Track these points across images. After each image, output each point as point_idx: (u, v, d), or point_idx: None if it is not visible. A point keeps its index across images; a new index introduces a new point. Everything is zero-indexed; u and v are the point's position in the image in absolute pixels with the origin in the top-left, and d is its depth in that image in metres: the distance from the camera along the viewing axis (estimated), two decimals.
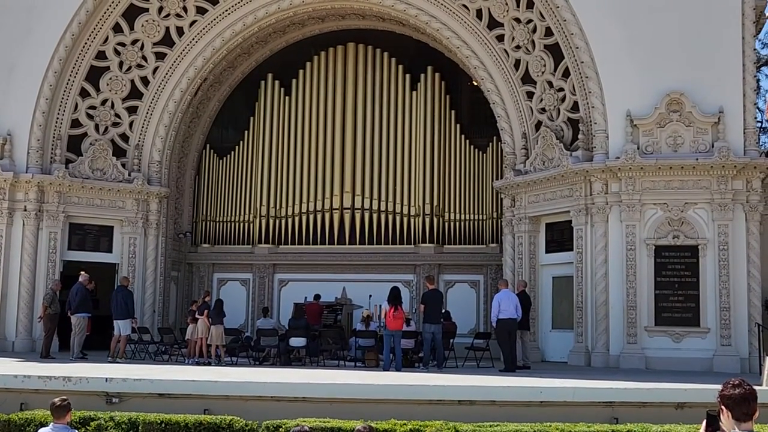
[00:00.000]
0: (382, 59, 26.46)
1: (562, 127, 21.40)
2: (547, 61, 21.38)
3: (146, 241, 24.00)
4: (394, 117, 26.19)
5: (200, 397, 12.38)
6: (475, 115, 26.02)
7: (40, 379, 12.87)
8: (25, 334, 21.94)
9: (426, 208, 25.45)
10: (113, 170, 23.60)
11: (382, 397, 12.26)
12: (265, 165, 26.79)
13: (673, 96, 19.38)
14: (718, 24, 19.44)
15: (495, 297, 18.21)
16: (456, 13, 22.56)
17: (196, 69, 24.21)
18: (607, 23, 19.96)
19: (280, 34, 26.06)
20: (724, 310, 18.66)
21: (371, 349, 19.65)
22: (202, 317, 20.04)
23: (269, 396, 12.42)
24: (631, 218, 19.33)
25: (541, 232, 21.85)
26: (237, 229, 26.86)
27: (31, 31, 22.42)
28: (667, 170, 19.20)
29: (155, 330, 22.53)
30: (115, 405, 12.33)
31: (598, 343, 19.47)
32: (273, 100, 27.02)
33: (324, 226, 25.96)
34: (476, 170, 25.60)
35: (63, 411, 8.70)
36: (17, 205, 22.24)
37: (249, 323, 25.78)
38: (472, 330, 23.65)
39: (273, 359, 20.32)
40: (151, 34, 23.84)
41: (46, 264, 22.25)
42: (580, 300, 19.95)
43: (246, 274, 26.66)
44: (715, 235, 18.93)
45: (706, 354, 18.61)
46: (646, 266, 19.18)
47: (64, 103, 23.02)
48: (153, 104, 24.21)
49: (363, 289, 24.38)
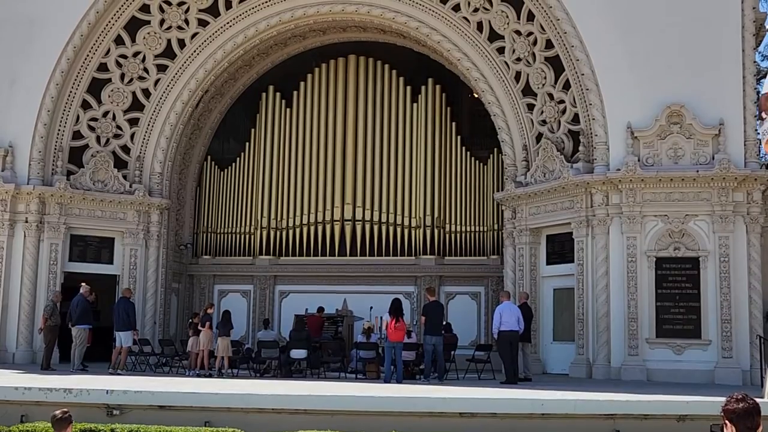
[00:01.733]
0: (383, 71, 26.53)
1: (562, 139, 21.43)
2: (547, 74, 21.44)
3: (147, 253, 24.00)
4: (395, 129, 26.24)
5: (201, 409, 12.33)
6: (476, 127, 26.07)
7: (40, 391, 12.82)
8: (26, 345, 21.93)
9: (427, 219, 25.47)
10: (114, 182, 23.62)
11: (383, 409, 12.21)
12: (266, 176, 26.82)
13: (673, 108, 19.43)
14: (718, 36, 19.50)
15: (496, 309, 18.12)
16: (457, 25, 22.63)
17: (198, 81, 24.27)
18: (607, 35, 20.02)
19: (282, 46, 26.13)
20: (726, 322, 18.65)
21: (372, 361, 19.63)
22: (204, 329, 20.07)
23: (270, 408, 12.36)
24: (632, 230, 19.34)
25: (542, 244, 21.86)
26: (238, 241, 26.86)
27: (33, 43, 22.49)
28: (667, 182, 19.23)
29: (156, 342, 22.51)
30: (116, 417, 12.29)
31: (599, 355, 19.46)
32: (274, 111, 27.07)
33: (325, 237, 25.97)
34: (477, 182, 25.64)
35: (64, 423, 8.68)
36: (18, 216, 22.27)
37: (250, 335, 25.75)
38: (473, 342, 23.63)
39: (274, 371, 20.31)
40: (153, 47, 23.92)
41: (47, 275, 22.26)
42: (581, 312, 19.94)
43: (247, 285, 26.65)
44: (716, 247, 18.94)
45: (707, 366, 18.60)
46: (647, 278, 19.19)
47: (65, 115, 23.07)
48: (154, 116, 24.26)
49: (364, 300, 24.36)
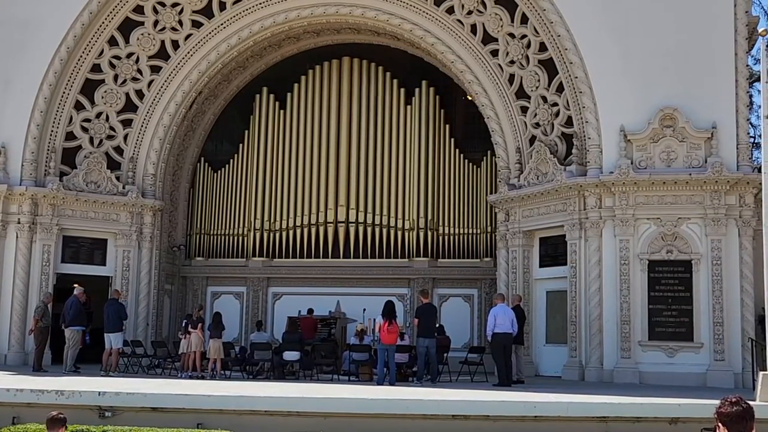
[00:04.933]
0: (377, 73, 26.54)
1: (556, 142, 21.46)
2: (541, 76, 21.47)
3: (140, 254, 23.94)
4: (388, 131, 26.24)
5: (193, 411, 12.31)
6: (470, 129, 26.07)
7: (32, 392, 12.79)
8: (18, 347, 21.84)
9: (420, 222, 25.48)
10: (107, 183, 23.56)
11: (376, 411, 12.21)
12: (260, 178, 26.80)
13: (666, 111, 19.48)
14: (712, 40, 19.56)
15: (491, 311, 18.18)
16: (451, 28, 22.65)
17: (191, 82, 24.23)
18: (601, 39, 20.06)
19: (276, 48, 26.12)
20: (718, 325, 18.69)
21: (365, 363, 19.62)
22: (195, 331, 20.06)
23: (263, 410, 12.35)
24: (625, 233, 19.38)
25: (535, 247, 21.88)
26: (231, 243, 26.83)
27: (27, 44, 22.43)
28: (660, 185, 19.27)
29: (148, 343, 22.45)
30: (108, 419, 12.27)
31: (591, 358, 19.49)
32: (268, 113, 27.06)
33: (318, 239, 25.96)
34: (470, 184, 25.66)
35: (57, 424, 8.69)
36: (11, 217, 22.20)
37: (243, 337, 25.70)
38: (466, 344, 23.65)
39: (267, 373, 20.28)
40: (147, 48, 23.88)
41: (40, 277, 22.19)
42: (574, 314, 19.97)
43: (240, 287, 26.60)
44: (709, 250, 18.99)
45: (699, 369, 18.63)
46: (640, 281, 19.23)
47: (58, 116, 23.01)
48: (148, 117, 24.21)
49: (357, 302, 24.33)
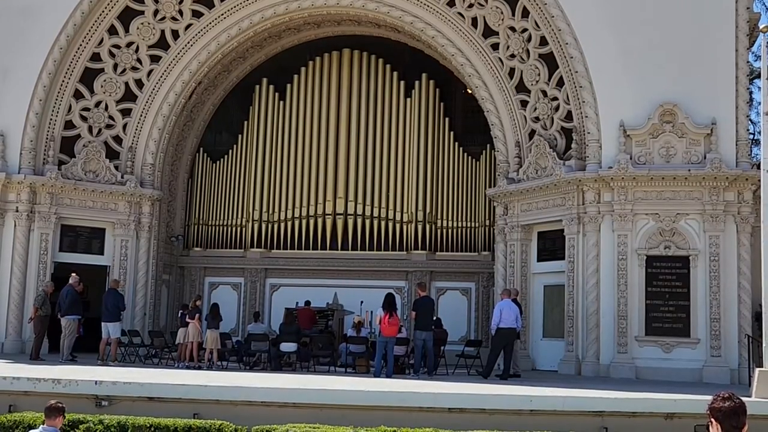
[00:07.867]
0: (377, 66, 26.50)
1: (555, 136, 21.45)
2: (541, 70, 21.44)
3: (138, 244, 23.94)
4: (388, 123, 26.22)
5: (190, 401, 12.33)
6: (469, 123, 26.07)
7: (29, 381, 12.80)
8: (15, 335, 21.85)
9: (418, 214, 25.47)
10: (106, 172, 23.53)
11: (373, 403, 12.24)
12: (259, 169, 26.78)
13: (666, 107, 19.47)
14: (712, 36, 19.54)
15: (496, 305, 18.35)
16: (451, 21, 22.62)
17: (191, 72, 24.18)
18: (601, 34, 20.04)
19: (276, 39, 26.07)
20: (715, 321, 18.72)
21: (362, 355, 19.64)
22: (193, 321, 20.08)
23: (259, 401, 12.37)
24: (623, 228, 19.38)
25: (533, 241, 21.88)
26: (229, 233, 26.81)
27: (26, 33, 22.38)
28: (659, 181, 19.27)
29: (146, 333, 22.46)
30: (105, 408, 12.28)
31: (588, 353, 19.51)
32: (267, 104, 27.02)
33: (316, 231, 25.96)
34: (469, 178, 25.65)
35: (55, 413, 8.73)
36: (9, 206, 22.18)
37: (240, 328, 25.72)
38: (463, 337, 23.68)
39: (263, 364, 20.29)
40: (146, 37, 23.82)
41: (37, 265, 22.18)
42: (571, 309, 19.98)
43: (237, 278, 26.60)
44: (707, 246, 19.00)
45: (696, 365, 18.66)
46: (638, 276, 19.25)
47: (57, 105, 22.96)
48: (147, 107, 24.17)
49: (354, 294, 24.36)
